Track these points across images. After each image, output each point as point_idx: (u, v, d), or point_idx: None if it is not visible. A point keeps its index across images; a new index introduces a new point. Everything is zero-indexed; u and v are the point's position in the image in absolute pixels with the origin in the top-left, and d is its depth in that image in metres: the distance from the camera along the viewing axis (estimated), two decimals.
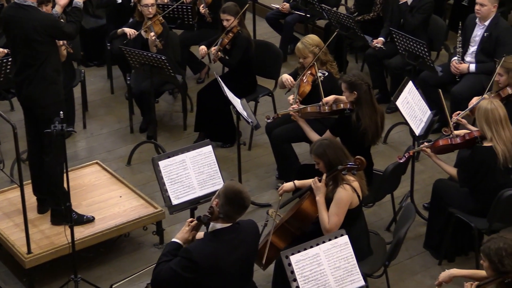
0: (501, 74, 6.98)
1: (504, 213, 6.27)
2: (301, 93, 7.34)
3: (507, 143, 6.25)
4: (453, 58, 8.28)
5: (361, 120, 6.58)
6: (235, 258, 5.04)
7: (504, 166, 6.25)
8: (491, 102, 6.33)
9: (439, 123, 8.04)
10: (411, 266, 6.72)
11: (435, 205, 6.75)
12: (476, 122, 6.43)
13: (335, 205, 5.75)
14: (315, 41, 7.40)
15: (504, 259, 4.85)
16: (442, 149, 6.64)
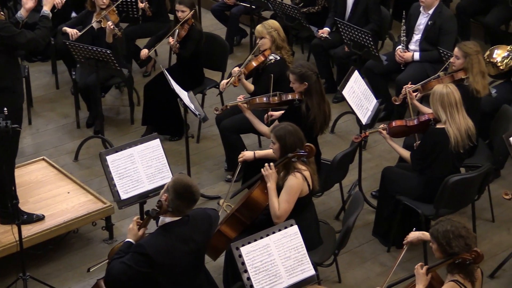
0: (458, 57, 7.06)
1: (450, 199, 6.37)
2: (247, 66, 7.42)
3: (460, 127, 6.34)
4: (397, 47, 8.37)
5: (311, 110, 6.62)
6: (186, 250, 5.05)
7: (455, 150, 6.34)
8: (446, 86, 6.41)
9: (385, 111, 8.14)
10: (360, 254, 6.78)
11: (383, 193, 6.82)
12: (431, 106, 6.49)
13: (286, 192, 5.77)
14: (275, 25, 7.53)
15: (452, 241, 4.92)
16: (398, 131, 6.72)
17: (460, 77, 7.04)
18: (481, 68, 7.02)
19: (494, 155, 7.14)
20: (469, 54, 6.98)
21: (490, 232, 7.04)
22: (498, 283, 6.46)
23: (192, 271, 5.15)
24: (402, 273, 6.07)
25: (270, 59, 7.44)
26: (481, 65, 7.02)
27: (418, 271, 5.08)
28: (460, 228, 4.94)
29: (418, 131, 6.72)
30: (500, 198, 7.32)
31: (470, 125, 6.39)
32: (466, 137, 6.36)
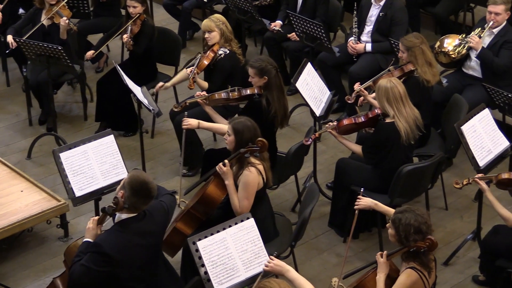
0: (403, 51, 7.13)
1: (404, 189, 6.44)
2: (200, 66, 7.38)
3: (408, 119, 6.40)
4: (349, 39, 8.42)
5: (271, 104, 6.63)
6: (145, 244, 5.04)
7: (407, 142, 6.41)
8: (389, 80, 6.46)
9: (338, 103, 8.19)
10: (317, 245, 6.82)
11: (338, 184, 6.86)
12: (377, 101, 6.55)
13: (243, 189, 5.78)
14: (222, 19, 7.51)
15: (410, 235, 4.98)
16: (347, 129, 6.74)
17: (410, 69, 7.11)
18: (426, 58, 7.07)
19: (446, 144, 7.23)
20: (410, 47, 7.04)
21: (444, 220, 7.13)
22: (452, 270, 6.55)
23: (152, 264, 5.15)
24: (359, 262, 6.13)
25: (220, 53, 7.41)
26: (425, 55, 7.07)
27: (379, 260, 5.13)
28: (422, 224, 5.01)
29: (367, 127, 6.76)
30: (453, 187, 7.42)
31: (417, 115, 6.46)
32: (415, 127, 6.43)
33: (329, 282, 5.34)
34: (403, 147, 6.45)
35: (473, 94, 7.63)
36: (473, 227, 6.76)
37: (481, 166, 6.39)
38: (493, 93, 7.10)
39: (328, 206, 7.05)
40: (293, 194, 7.32)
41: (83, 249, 4.99)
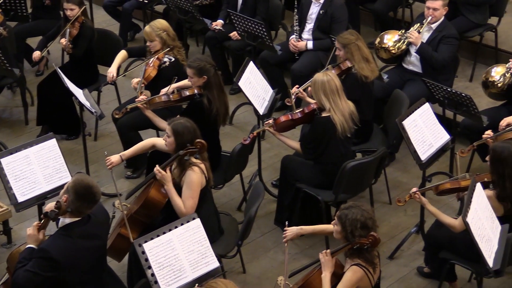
0: (339, 49, 7.18)
1: (348, 184, 6.49)
2: (146, 77, 7.30)
3: (344, 112, 6.46)
4: (291, 37, 8.45)
5: (213, 103, 6.62)
6: (91, 247, 5.01)
7: (343, 135, 6.46)
8: (326, 74, 6.52)
9: (281, 101, 8.21)
10: (263, 243, 6.84)
11: (283, 182, 6.89)
12: (313, 95, 6.59)
13: (188, 188, 5.76)
14: (163, 26, 7.40)
15: (357, 231, 5.03)
16: (284, 125, 6.77)
17: (347, 67, 7.17)
18: (362, 54, 7.14)
19: (389, 139, 7.32)
20: (346, 44, 7.10)
21: (388, 214, 7.21)
22: (397, 263, 6.63)
23: (98, 267, 5.12)
24: (305, 259, 6.16)
25: (164, 61, 7.35)
26: (362, 51, 7.13)
27: (324, 258, 5.15)
28: (368, 219, 5.06)
29: (304, 122, 6.79)
30: (396, 181, 7.54)
31: (352, 108, 6.53)
32: (351, 120, 6.49)
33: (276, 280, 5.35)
34: (340, 140, 6.50)
35: (413, 89, 7.73)
36: (417, 221, 6.85)
37: (423, 160, 6.47)
38: (433, 87, 7.21)
39: (274, 204, 7.08)
40: (239, 193, 7.32)
41: (27, 255, 4.93)
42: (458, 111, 7.14)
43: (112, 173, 6.05)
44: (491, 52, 9.03)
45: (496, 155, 5.73)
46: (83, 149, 7.19)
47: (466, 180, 6.01)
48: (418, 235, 6.82)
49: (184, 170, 5.78)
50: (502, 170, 5.69)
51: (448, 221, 5.81)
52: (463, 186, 6.00)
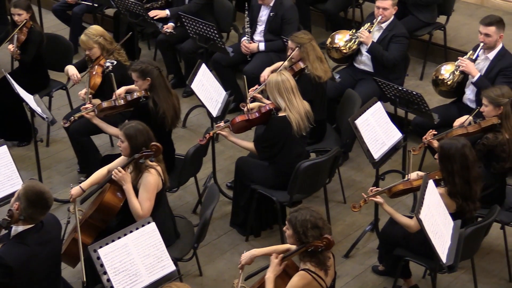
0: (293, 48, 7.20)
1: (302, 184, 6.52)
2: (92, 86, 7.23)
3: (300, 111, 6.49)
4: (242, 38, 8.47)
5: (159, 105, 6.60)
6: (45, 253, 4.98)
7: (299, 134, 6.49)
8: (280, 74, 6.54)
9: (234, 102, 8.22)
10: (219, 246, 6.84)
11: (238, 183, 6.90)
12: (269, 95, 6.61)
13: (145, 190, 5.74)
14: (98, 31, 7.33)
15: (308, 231, 5.02)
16: (240, 126, 6.77)
17: (301, 68, 7.20)
18: (316, 54, 7.19)
19: (342, 138, 7.37)
20: (302, 43, 7.13)
21: (343, 213, 7.26)
22: (352, 262, 6.67)
23: (53, 274, 5.09)
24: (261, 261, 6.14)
25: (107, 66, 7.31)
26: (316, 51, 7.18)
27: (273, 260, 5.17)
28: (317, 219, 5.06)
29: (261, 123, 6.81)
30: (350, 179, 7.59)
31: (307, 108, 6.57)
32: (306, 119, 6.53)
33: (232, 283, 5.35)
34: (295, 140, 6.53)
35: (365, 88, 7.80)
36: (371, 219, 6.91)
37: (376, 158, 6.52)
38: (384, 86, 7.27)
39: (229, 206, 7.08)
40: (194, 196, 7.31)
41: None
42: (410, 109, 7.21)
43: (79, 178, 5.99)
44: (440, 51, 9.15)
45: (444, 152, 5.81)
46: (35, 155, 7.11)
47: (418, 180, 6.07)
48: (373, 233, 6.88)
49: (141, 173, 5.76)
50: (450, 166, 5.77)
51: (404, 221, 5.86)
52: (416, 186, 6.07)
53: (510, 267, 6.49)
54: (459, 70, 7.27)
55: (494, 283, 6.46)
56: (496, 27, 7.15)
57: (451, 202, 5.80)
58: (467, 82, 7.35)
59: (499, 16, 7.35)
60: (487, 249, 6.72)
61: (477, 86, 7.19)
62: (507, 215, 6.41)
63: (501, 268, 6.56)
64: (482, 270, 6.50)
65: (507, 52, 7.27)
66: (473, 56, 7.30)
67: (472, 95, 7.32)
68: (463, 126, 6.53)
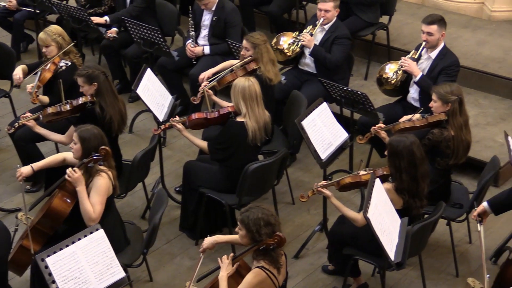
0: (248, 48, 7.21)
1: (251, 187, 6.53)
2: (41, 79, 7.19)
3: (258, 120, 6.50)
4: (187, 42, 8.45)
5: (105, 110, 6.56)
6: None
7: (253, 142, 6.50)
8: (248, 79, 6.54)
9: (181, 106, 8.22)
10: (169, 250, 6.81)
11: (187, 187, 6.88)
12: (232, 98, 6.60)
13: (97, 194, 5.68)
14: (58, 30, 7.34)
15: (262, 228, 5.05)
16: (197, 123, 6.78)
17: (253, 68, 7.21)
18: (270, 56, 7.23)
19: (289, 140, 7.40)
20: (257, 44, 7.16)
21: (292, 214, 7.29)
22: (303, 262, 6.71)
23: None
24: (211, 263, 6.15)
25: (61, 65, 7.26)
26: (270, 53, 7.23)
27: (224, 260, 5.19)
28: (269, 216, 5.08)
29: (217, 124, 6.83)
30: (298, 181, 7.63)
31: (267, 119, 6.59)
32: (263, 130, 6.55)
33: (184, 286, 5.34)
34: (249, 148, 6.54)
35: (310, 89, 7.85)
36: (320, 219, 6.95)
37: (323, 159, 6.57)
38: (329, 87, 7.33)
39: (178, 210, 7.06)
40: (142, 201, 7.27)
41: None
42: (355, 109, 7.28)
43: (22, 186, 5.93)
44: (384, 50, 9.25)
45: (393, 148, 5.88)
46: None
47: (366, 174, 6.14)
48: (322, 233, 6.93)
49: (91, 177, 5.71)
50: (398, 163, 5.83)
51: (350, 214, 5.93)
52: (364, 181, 6.13)
53: (457, 262, 6.59)
54: (402, 69, 7.36)
55: (442, 278, 6.56)
56: (438, 25, 7.25)
57: (398, 198, 5.86)
58: (410, 81, 7.44)
59: (440, 15, 7.46)
60: (434, 245, 6.82)
61: (419, 85, 7.29)
62: (453, 211, 6.52)
63: (448, 263, 6.66)
64: (429, 266, 6.60)
65: (449, 51, 7.39)
66: (416, 55, 7.40)
67: (416, 94, 7.42)
68: (411, 120, 6.60)
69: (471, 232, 6.91)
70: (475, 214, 5.75)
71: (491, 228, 6.90)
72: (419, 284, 6.36)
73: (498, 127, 8.14)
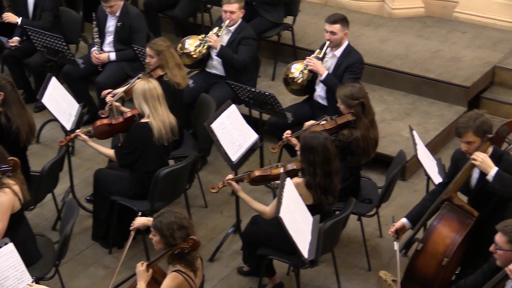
0: (152, 56, 7.17)
1: (163, 192, 6.51)
2: None
3: (164, 120, 6.48)
4: (92, 49, 8.35)
5: (12, 120, 6.42)
6: None
7: (160, 142, 6.48)
8: (148, 81, 6.52)
9: (88, 114, 8.11)
10: (82, 261, 6.73)
11: (98, 196, 6.80)
12: (134, 101, 6.55)
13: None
14: None
15: (175, 232, 5.04)
16: (102, 130, 6.72)
17: (159, 75, 7.18)
18: (175, 61, 7.22)
19: (199, 143, 7.40)
20: (161, 50, 7.13)
21: (205, 217, 7.29)
22: (218, 265, 6.72)
23: None
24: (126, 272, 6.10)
25: None
26: (175, 58, 7.22)
27: (139, 268, 5.15)
28: (182, 219, 5.08)
29: (124, 130, 6.77)
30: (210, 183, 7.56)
31: (172, 119, 6.57)
32: (170, 130, 6.53)
33: None
34: (157, 148, 6.51)
35: (219, 92, 7.87)
36: (233, 221, 6.98)
37: (234, 160, 6.60)
38: (237, 89, 7.36)
39: (90, 219, 6.98)
40: (52, 212, 7.15)
41: None
42: (264, 110, 7.34)
43: None
44: (290, 50, 9.35)
45: (307, 144, 5.93)
46: None
47: (277, 169, 6.20)
48: (236, 235, 6.95)
49: None
50: (313, 158, 5.88)
51: (259, 207, 6.00)
52: (274, 175, 6.18)
53: (369, 256, 6.72)
54: (308, 69, 7.45)
55: (355, 273, 6.67)
56: (340, 25, 7.36)
57: (308, 194, 5.91)
58: (316, 80, 7.54)
59: (343, 14, 7.58)
60: (346, 241, 6.93)
61: (325, 84, 7.39)
62: (363, 206, 6.63)
63: (361, 258, 6.77)
64: (343, 262, 6.70)
65: (353, 49, 7.51)
66: (321, 54, 7.50)
67: (323, 92, 7.52)
68: (320, 124, 6.68)
69: (381, 226, 7.04)
70: (392, 230, 5.84)
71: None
72: (333, 280, 6.45)
73: (403, 122, 8.33)
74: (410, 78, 8.90)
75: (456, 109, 8.57)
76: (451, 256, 5.49)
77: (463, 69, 8.91)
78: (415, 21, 10.04)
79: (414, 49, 9.37)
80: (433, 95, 8.77)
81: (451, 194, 5.64)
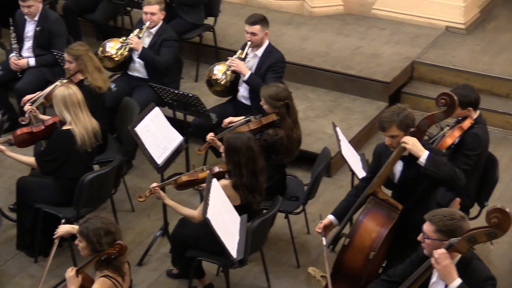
0: (70, 61, 7.08)
1: (88, 198, 6.44)
2: None
3: (86, 126, 6.41)
4: (11, 55, 8.21)
5: None
6: None
7: (83, 149, 6.40)
8: (68, 87, 6.43)
9: (9, 122, 7.97)
10: (7, 271, 6.61)
11: (21, 204, 6.69)
12: (55, 108, 6.45)
13: None
14: None
15: (102, 238, 4.99)
16: (23, 139, 6.63)
17: (79, 79, 7.10)
18: (95, 64, 7.15)
19: (124, 147, 7.34)
20: (79, 55, 7.05)
21: (132, 222, 7.24)
22: (146, 269, 6.68)
23: None
24: (53, 280, 6.02)
25: None
26: (94, 61, 7.15)
27: (69, 274, 5.10)
28: (109, 225, 5.03)
29: (45, 137, 6.67)
30: (136, 188, 7.58)
31: (94, 125, 6.50)
32: (93, 136, 6.46)
33: None
34: (80, 155, 6.43)
35: (142, 95, 7.82)
36: (161, 224, 6.94)
37: (159, 163, 6.56)
38: (160, 91, 7.32)
39: (14, 229, 6.85)
40: None
41: None
42: (188, 112, 7.31)
43: None
44: (212, 51, 9.35)
45: (231, 145, 5.94)
46: None
47: (203, 172, 6.19)
48: (164, 238, 6.92)
49: None
50: (238, 158, 5.90)
51: (187, 212, 5.99)
52: (201, 178, 6.18)
53: (297, 253, 6.77)
54: (231, 70, 7.47)
55: (284, 270, 6.72)
56: (260, 25, 7.40)
57: (236, 195, 5.93)
58: (239, 80, 7.56)
59: (262, 14, 7.62)
60: (274, 239, 6.97)
61: (248, 84, 7.42)
62: (289, 204, 6.68)
63: (289, 255, 6.82)
64: (271, 260, 6.74)
65: (274, 49, 7.56)
66: (243, 54, 7.53)
67: (246, 92, 7.55)
68: (245, 124, 6.69)
69: (309, 223, 7.11)
70: (320, 227, 5.89)
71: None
72: (263, 279, 6.49)
73: (327, 119, 8.42)
74: (331, 76, 9.01)
75: (377, 105, 8.71)
76: (377, 249, 5.57)
77: (383, 65, 9.06)
78: (334, 19, 10.16)
79: (335, 46, 9.48)
80: (354, 91, 8.89)
81: (375, 188, 5.72)
